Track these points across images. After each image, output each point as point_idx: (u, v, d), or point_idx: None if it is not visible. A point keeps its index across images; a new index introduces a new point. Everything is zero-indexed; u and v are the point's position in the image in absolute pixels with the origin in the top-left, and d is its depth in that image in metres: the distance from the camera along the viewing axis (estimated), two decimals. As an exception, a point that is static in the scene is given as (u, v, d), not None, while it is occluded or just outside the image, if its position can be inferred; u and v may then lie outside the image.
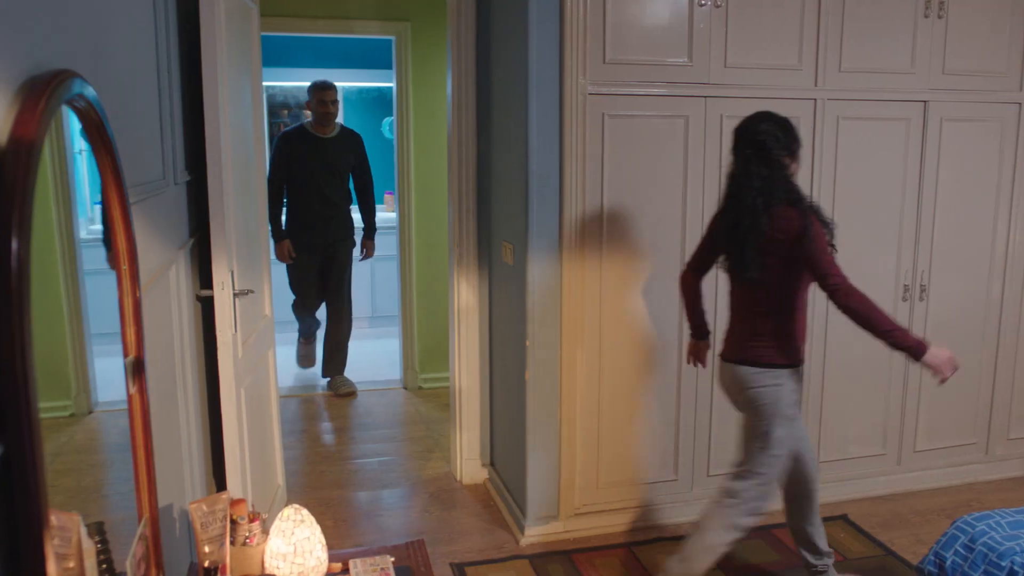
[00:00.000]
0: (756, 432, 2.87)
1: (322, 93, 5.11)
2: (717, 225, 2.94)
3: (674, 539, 3.52)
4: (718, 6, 3.37)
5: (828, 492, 3.88)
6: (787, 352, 2.85)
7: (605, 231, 3.38)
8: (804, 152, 3.56)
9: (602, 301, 3.42)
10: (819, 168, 3.61)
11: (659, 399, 3.58)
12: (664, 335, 3.53)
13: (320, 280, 5.43)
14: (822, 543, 3.09)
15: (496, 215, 3.82)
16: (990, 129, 3.81)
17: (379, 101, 7.37)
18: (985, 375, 4.04)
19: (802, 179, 3.57)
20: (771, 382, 2.84)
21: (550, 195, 3.31)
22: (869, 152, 3.69)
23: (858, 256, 3.66)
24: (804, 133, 3.55)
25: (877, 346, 2.91)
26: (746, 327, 2.90)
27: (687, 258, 3.37)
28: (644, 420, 3.58)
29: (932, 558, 2.72)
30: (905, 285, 3.83)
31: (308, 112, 5.32)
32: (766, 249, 2.75)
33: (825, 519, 3.70)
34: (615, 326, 3.46)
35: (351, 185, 5.40)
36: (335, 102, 5.19)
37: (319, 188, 5.18)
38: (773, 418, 2.83)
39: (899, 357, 3.53)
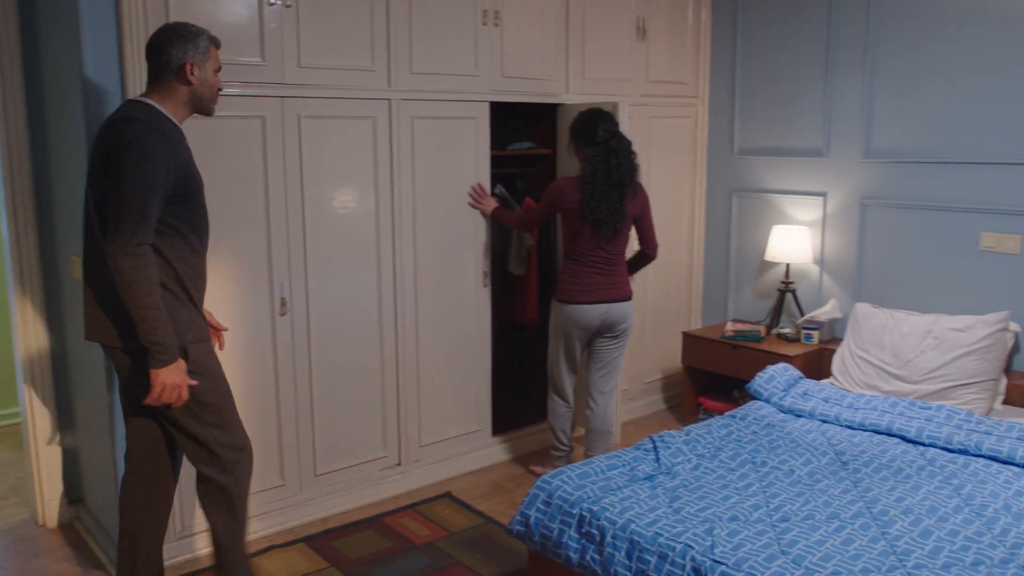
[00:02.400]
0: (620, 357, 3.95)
1: (216, 52, 2.70)
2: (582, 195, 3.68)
3: (287, 544, 3.48)
4: (288, 6, 3.35)
5: (432, 472, 4.09)
6: None
7: (186, 237, 3.21)
8: (382, 151, 3.71)
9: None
10: (397, 165, 3.75)
11: (258, 403, 3.49)
12: (257, 337, 3.45)
13: None
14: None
15: (61, 227, 3.45)
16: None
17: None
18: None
19: (382, 175, 3.71)
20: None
21: (119, 202, 3.05)
22: (445, 149, 3.93)
23: (444, 246, 3.91)
24: (380, 133, 3.69)
25: (462, 334, 3.09)
26: (619, 270, 3.79)
27: (272, 252, 3.34)
28: (244, 427, 3.46)
29: (519, 518, 2.98)
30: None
31: (193, 85, 2.60)
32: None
33: (431, 499, 3.91)
34: (206, 335, 3.30)
35: None
36: None
37: (204, 231, 2.76)
38: None
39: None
